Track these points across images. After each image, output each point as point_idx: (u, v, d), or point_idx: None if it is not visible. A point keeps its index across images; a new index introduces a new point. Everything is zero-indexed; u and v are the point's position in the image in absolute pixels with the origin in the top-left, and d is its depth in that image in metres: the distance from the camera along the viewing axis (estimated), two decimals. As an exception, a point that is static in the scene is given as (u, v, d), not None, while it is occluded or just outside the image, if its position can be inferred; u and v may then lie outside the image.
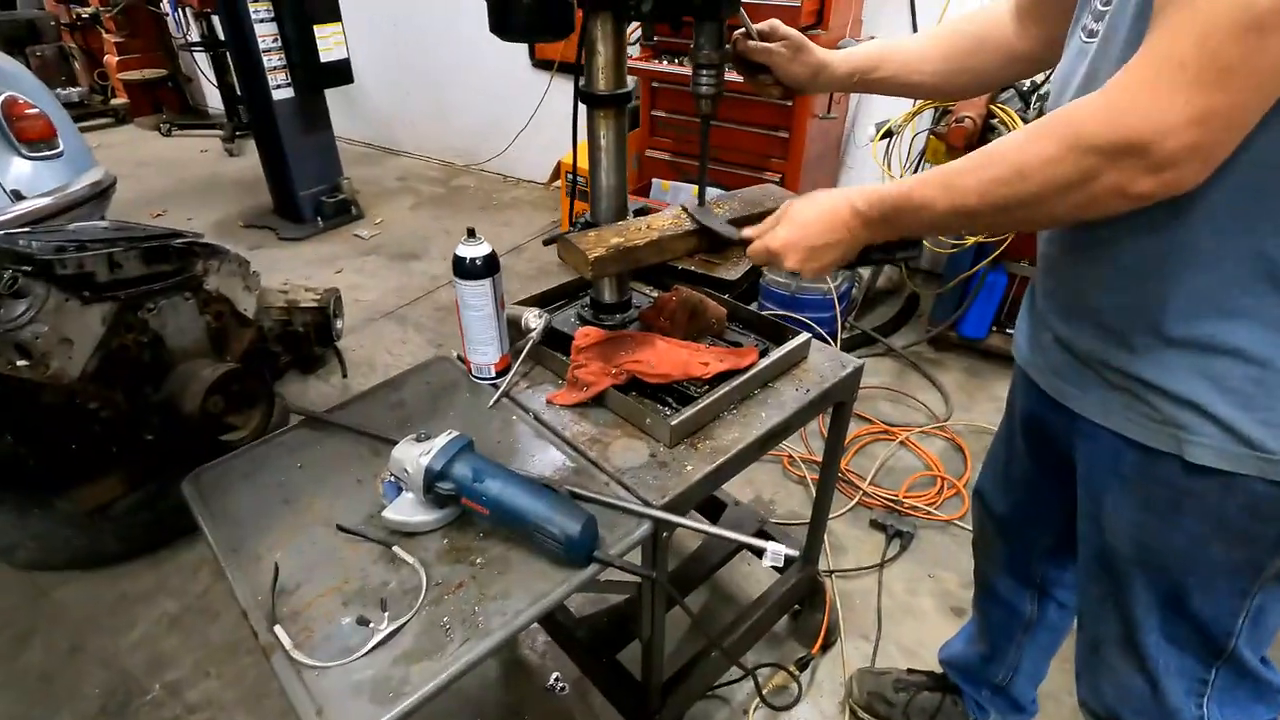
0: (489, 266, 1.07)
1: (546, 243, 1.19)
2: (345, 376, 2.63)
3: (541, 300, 1.34)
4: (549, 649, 1.65)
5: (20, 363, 1.52)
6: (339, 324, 2.55)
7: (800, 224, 0.87)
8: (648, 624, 1.09)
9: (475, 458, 0.89)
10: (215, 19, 4.55)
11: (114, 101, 5.77)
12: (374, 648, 0.76)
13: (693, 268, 1.07)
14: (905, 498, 2.06)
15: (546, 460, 1.02)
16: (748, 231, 0.98)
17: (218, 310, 1.87)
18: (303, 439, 1.08)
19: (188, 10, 4.83)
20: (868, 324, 2.88)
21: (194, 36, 4.95)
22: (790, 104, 2.65)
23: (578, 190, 3.15)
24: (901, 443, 2.29)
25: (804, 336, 1.22)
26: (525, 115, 4.10)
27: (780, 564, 0.86)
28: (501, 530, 0.89)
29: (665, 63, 2.88)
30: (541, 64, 4.02)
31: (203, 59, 5.23)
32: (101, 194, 2.58)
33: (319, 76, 3.39)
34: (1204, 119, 0.54)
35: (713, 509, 1.68)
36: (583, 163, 1.16)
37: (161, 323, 1.74)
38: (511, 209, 4.17)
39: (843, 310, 2.71)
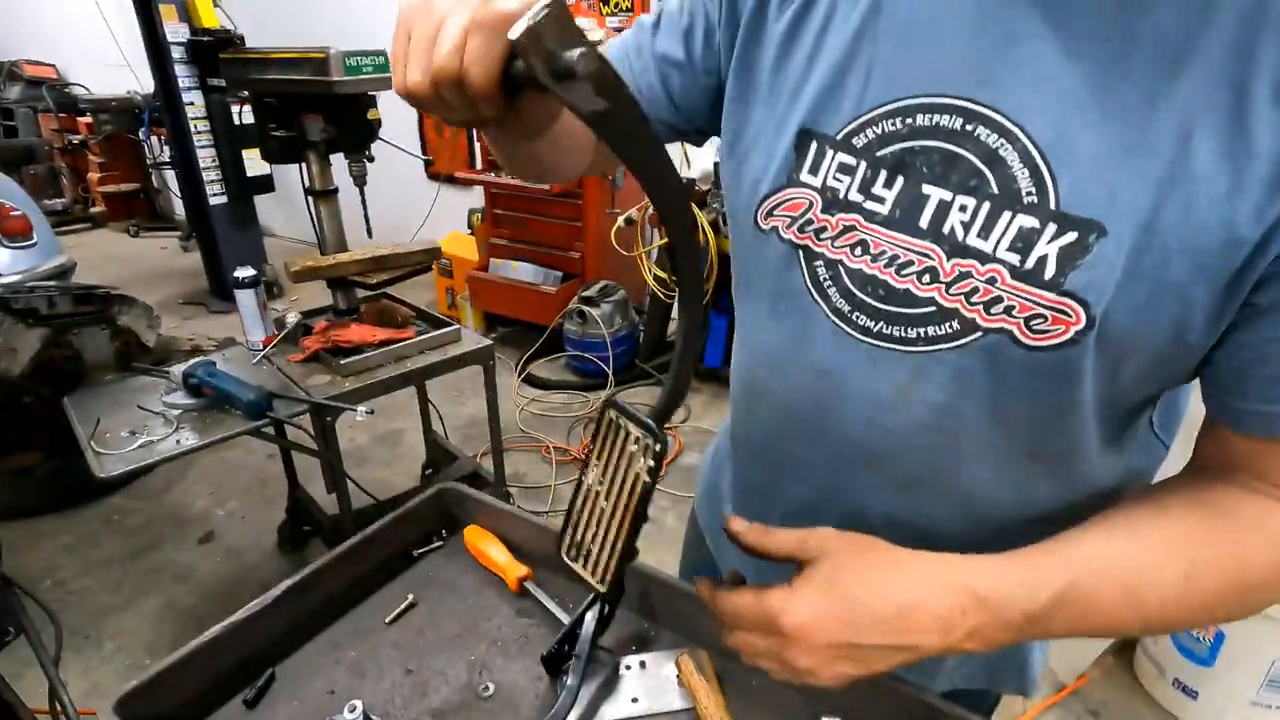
0: (252, 282, 1.94)
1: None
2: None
3: (307, 314, 2.21)
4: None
5: (-20, 365, 2.33)
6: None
7: (855, 601, 0.49)
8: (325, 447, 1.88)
9: (213, 370, 1.72)
10: (179, 144, 5.65)
11: (92, 210, 6.81)
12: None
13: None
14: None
15: (274, 382, 1.84)
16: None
17: (125, 339, 2.70)
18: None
19: (158, 137, 5.95)
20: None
21: (164, 157, 6.04)
22: (581, 201, 3.65)
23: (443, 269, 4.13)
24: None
25: (453, 327, 2.08)
26: (422, 215, 5.12)
27: (361, 417, 1.67)
28: (223, 406, 1.70)
29: (497, 175, 3.90)
30: (433, 176, 5.09)
31: (170, 175, 6.30)
32: (63, 274, 3.47)
33: (245, 186, 4.39)
34: None
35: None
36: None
37: (81, 344, 2.57)
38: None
39: (628, 351, 3.61)
